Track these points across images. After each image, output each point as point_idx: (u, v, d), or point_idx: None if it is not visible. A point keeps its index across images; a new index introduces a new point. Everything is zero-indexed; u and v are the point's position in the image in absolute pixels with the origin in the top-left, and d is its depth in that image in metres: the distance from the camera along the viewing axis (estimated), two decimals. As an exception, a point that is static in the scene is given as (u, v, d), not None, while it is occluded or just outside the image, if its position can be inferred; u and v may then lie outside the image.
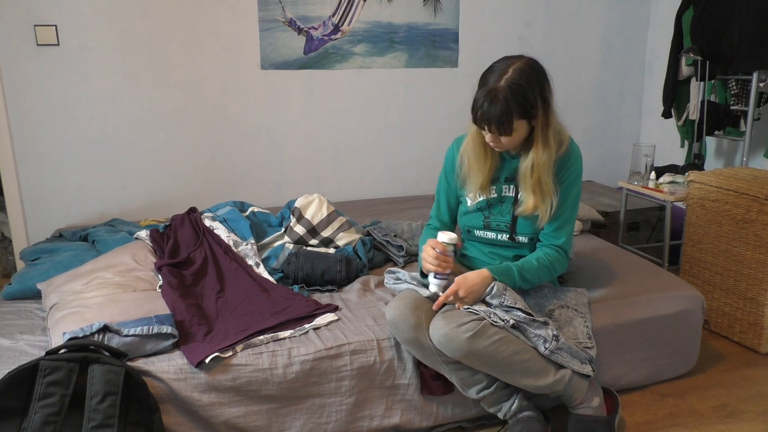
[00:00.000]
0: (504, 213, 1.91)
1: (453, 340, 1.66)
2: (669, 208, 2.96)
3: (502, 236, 1.92)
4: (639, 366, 2.10)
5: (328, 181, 3.49)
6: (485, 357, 1.68)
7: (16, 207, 3.04)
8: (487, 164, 1.87)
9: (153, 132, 3.15)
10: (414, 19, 3.41)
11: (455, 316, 1.70)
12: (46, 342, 1.81)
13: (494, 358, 1.69)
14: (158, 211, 3.19)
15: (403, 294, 1.84)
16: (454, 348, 1.67)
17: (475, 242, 2.00)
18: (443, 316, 1.73)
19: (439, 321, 1.71)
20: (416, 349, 1.77)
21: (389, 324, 1.78)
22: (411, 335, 1.74)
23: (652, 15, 3.85)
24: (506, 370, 1.72)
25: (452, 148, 1.98)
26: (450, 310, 1.77)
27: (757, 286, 2.38)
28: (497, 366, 1.71)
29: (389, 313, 1.77)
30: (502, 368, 1.72)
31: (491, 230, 1.93)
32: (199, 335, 1.80)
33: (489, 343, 1.67)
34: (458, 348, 1.66)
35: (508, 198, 1.90)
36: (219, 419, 1.71)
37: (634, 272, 2.32)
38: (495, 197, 1.91)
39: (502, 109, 1.68)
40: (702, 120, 3.15)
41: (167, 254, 2.27)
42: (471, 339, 1.65)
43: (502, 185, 1.91)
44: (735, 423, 1.98)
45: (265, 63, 3.24)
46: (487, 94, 1.69)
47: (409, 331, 1.74)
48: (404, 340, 1.77)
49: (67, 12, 2.91)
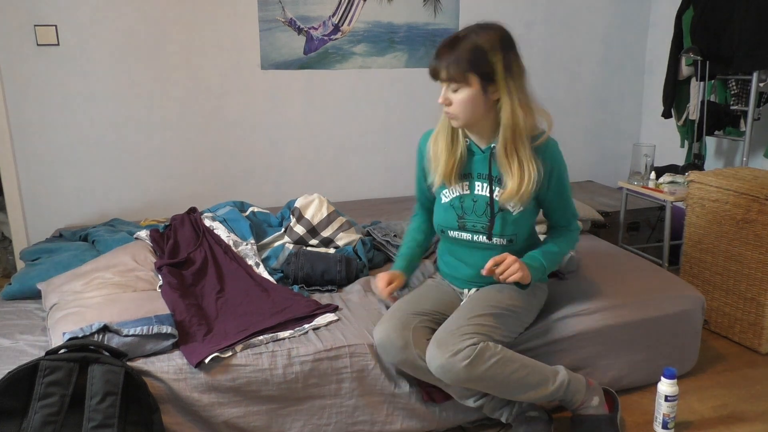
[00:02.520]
0: (479, 213, 1.80)
1: (450, 370, 1.64)
2: (669, 208, 2.96)
3: (478, 237, 1.82)
4: (639, 366, 2.10)
5: (328, 181, 3.49)
6: (485, 380, 1.67)
7: (16, 207, 3.04)
8: (453, 152, 1.77)
9: (153, 132, 3.15)
10: (414, 19, 3.41)
11: (449, 343, 1.66)
12: (46, 342, 1.81)
13: (493, 380, 1.68)
14: (158, 211, 3.19)
15: (390, 313, 1.81)
16: (452, 377, 1.65)
17: (451, 245, 1.91)
18: (437, 343, 1.67)
19: (434, 350, 1.66)
20: (409, 368, 1.76)
21: (377, 348, 1.77)
22: (401, 357, 1.73)
23: (652, 15, 3.85)
24: (507, 389, 1.72)
25: (422, 140, 1.91)
26: (443, 334, 1.71)
27: (757, 286, 2.38)
28: (497, 386, 1.71)
29: (376, 336, 1.76)
30: (503, 387, 1.72)
31: (467, 231, 1.83)
32: (198, 335, 1.80)
33: (487, 368, 1.65)
34: (456, 377, 1.65)
35: (481, 197, 1.80)
36: (219, 419, 1.71)
37: (634, 272, 2.32)
38: (468, 194, 1.81)
39: (457, 56, 1.61)
40: (702, 120, 3.15)
41: (167, 254, 2.27)
42: (468, 367, 1.63)
43: (475, 182, 1.80)
44: (735, 423, 1.98)
45: (265, 63, 3.23)
46: (446, 41, 1.65)
47: (398, 353, 1.73)
48: (395, 363, 1.77)
49: (67, 12, 2.91)
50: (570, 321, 2.00)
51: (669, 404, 1.88)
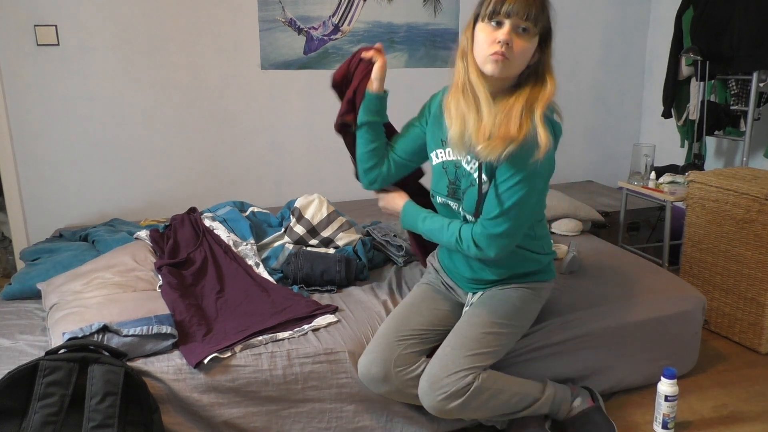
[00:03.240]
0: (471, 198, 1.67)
1: (441, 410, 1.67)
2: (669, 208, 2.96)
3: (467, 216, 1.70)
4: (639, 366, 2.10)
5: (328, 181, 3.49)
6: (479, 412, 1.72)
7: (16, 207, 3.04)
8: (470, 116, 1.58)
9: (153, 132, 3.16)
10: (414, 19, 3.41)
11: (443, 384, 1.64)
12: (45, 342, 1.81)
13: (488, 411, 1.73)
14: (158, 211, 3.19)
15: (375, 340, 1.78)
16: (443, 415, 1.70)
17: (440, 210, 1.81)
18: (430, 381, 1.66)
19: (426, 387, 1.67)
20: (396, 397, 1.78)
21: (363, 378, 1.76)
22: (384, 389, 1.74)
23: (652, 15, 3.85)
24: (501, 414, 1.77)
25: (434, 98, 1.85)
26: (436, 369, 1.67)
27: (757, 286, 2.38)
28: (492, 413, 1.76)
29: (359, 369, 1.76)
30: (497, 413, 1.76)
31: (455, 200, 1.73)
32: (198, 335, 1.80)
33: (480, 403, 1.68)
34: (447, 415, 1.70)
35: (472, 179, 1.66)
36: (219, 419, 1.71)
37: (634, 272, 2.32)
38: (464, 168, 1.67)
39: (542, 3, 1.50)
40: (702, 120, 3.15)
41: (167, 254, 2.27)
42: (459, 407, 1.66)
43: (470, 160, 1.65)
44: (735, 423, 1.98)
45: (265, 63, 3.24)
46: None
47: (380, 386, 1.73)
48: (382, 394, 1.77)
49: (67, 12, 2.91)
50: (570, 322, 2.00)
51: (669, 404, 1.88)
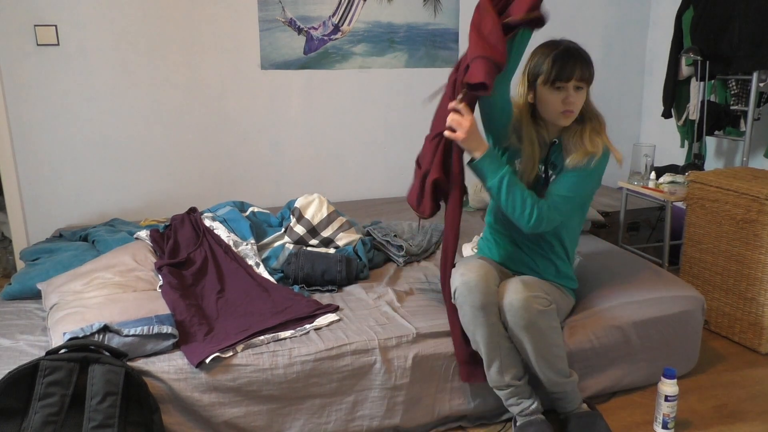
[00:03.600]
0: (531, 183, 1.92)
1: (526, 308, 1.74)
2: (669, 208, 2.96)
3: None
4: (639, 366, 2.10)
5: (328, 181, 3.49)
6: (540, 335, 1.78)
7: (16, 207, 3.04)
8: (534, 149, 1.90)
9: (153, 132, 3.15)
10: (414, 19, 3.41)
11: (534, 288, 1.79)
12: (46, 342, 1.81)
13: (546, 340, 1.79)
14: (158, 211, 3.19)
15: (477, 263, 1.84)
16: (523, 315, 1.74)
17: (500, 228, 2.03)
18: (523, 282, 1.80)
19: (519, 285, 1.77)
20: (484, 315, 1.77)
21: (464, 286, 1.76)
22: (486, 300, 1.76)
23: (652, 15, 3.85)
24: (545, 356, 1.80)
25: None
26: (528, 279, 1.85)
27: (757, 286, 2.38)
28: (542, 348, 1.79)
29: (464, 277, 1.77)
30: (544, 352, 1.80)
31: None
32: (199, 335, 1.80)
33: (548, 326, 1.79)
34: (527, 317, 1.75)
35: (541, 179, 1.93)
36: (219, 419, 1.71)
37: (635, 272, 2.32)
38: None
39: (588, 60, 1.81)
40: (702, 120, 3.15)
41: (167, 254, 2.27)
42: (540, 314, 1.76)
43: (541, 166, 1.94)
44: (735, 423, 1.98)
45: (265, 63, 3.24)
46: (572, 50, 1.80)
47: (484, 296, 1.76)
48: (477, 306, 1.76)
49: (67, 12, 2.91)
50: (570, 322, 2.01)
51: (669, 404, 1.88)
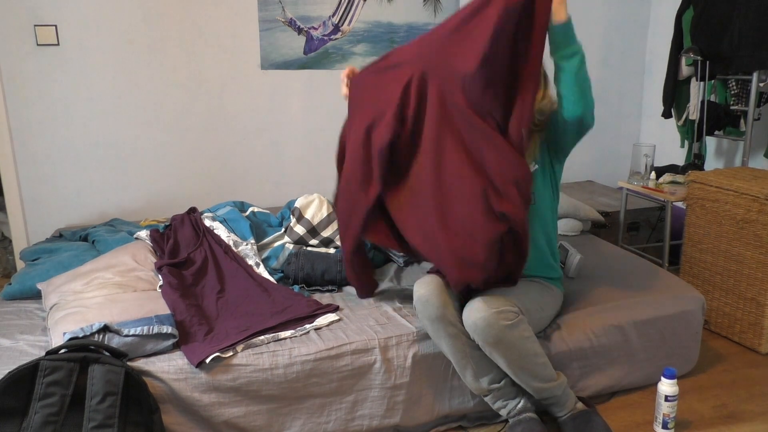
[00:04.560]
0: None
1: (491, 325, 1.70)
2: (669, 208, 2.96)
3: None
4: (639, 366, 2.10)
5: (328, 181, 3.49)
6: (512, 349, 1.74)
7: (16, 207, 3.04)
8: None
9: (153, 132, 3.15)
10: (414, 19, 3.41)
11: (495, 303, 1.73)
12: (46, 342, 1.81)
13: (519, 352, 1.74)
14: (158, 211, 3.19)
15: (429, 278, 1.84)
16: (488, 333, 1.71)
17: None
18: (483, 300, 1.74)
19: (479, 304, 1.73)
20: (442, 326, 1.77)
21: (419, 301, 1.78)
22: (440, 312, 1.76)
23: (652, 15, 3.85)
24: (523, 367, 1.77)
25: None
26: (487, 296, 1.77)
27: (757, 286, 2.39)
28: (518, 361, 1.76)
29: (420, 291, 1.79)
30: (521, 364, 1.77)
31: None
32: (199, 335, 1.80)
33: (519, 338, 1.73)
34: (493, 334, 1.71)
35: None
36: (219, 419, 1.71)
37: (634, 272, 2.32)
38: None
39: None
40: (702, 120, 3.15)
41: (167, 254, 2.27)
42: (507, 329, 1.71)
43: None
44: (735, 423, 1.98)
45: (265, 63, 3.24)
46: None
47: (438, 308, 1.76)
48: (433, 318, 1.77)
49: (67, 12, 2.91)
50: (569, 320, 2.01)
51: (669, 404, 1.88)
